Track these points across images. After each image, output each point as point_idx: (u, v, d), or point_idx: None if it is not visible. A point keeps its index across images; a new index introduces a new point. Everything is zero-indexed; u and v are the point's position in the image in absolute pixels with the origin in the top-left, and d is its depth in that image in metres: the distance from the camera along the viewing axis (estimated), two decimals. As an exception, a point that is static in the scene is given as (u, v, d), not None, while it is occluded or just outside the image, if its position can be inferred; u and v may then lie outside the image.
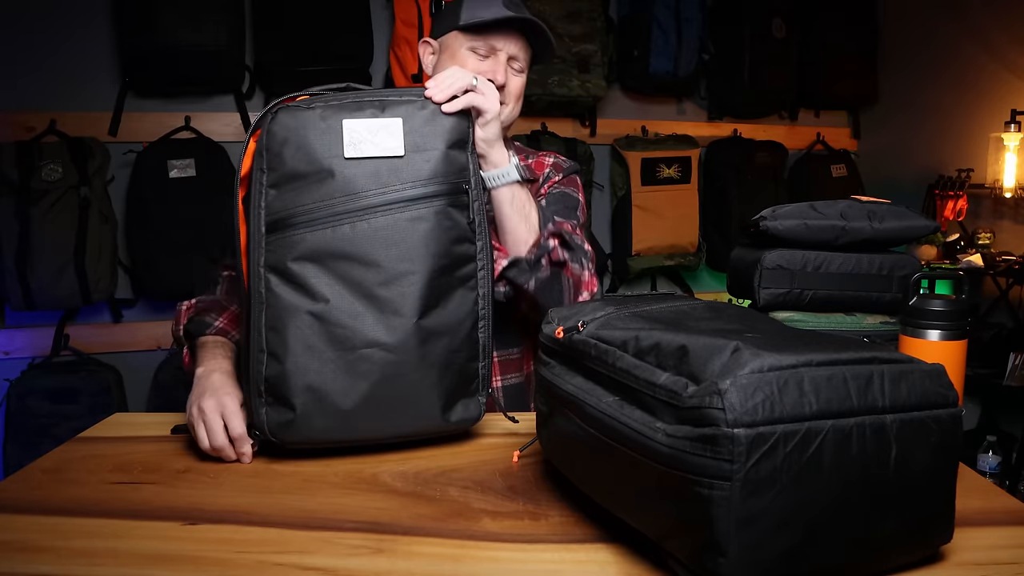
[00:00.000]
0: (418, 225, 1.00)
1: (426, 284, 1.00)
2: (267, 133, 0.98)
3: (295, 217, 0.98)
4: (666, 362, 0.70)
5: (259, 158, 0.99)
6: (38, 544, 0.79)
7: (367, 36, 2.84)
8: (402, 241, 0.99)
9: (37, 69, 2.70)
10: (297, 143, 0.98)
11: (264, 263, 0.99)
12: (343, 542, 0.80)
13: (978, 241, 2.85)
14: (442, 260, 1.01)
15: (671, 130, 3.35)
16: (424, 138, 1.01)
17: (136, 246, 2.70)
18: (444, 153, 1.02)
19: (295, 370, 0.98)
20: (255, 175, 0.99)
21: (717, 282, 3.49)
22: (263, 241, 0.99)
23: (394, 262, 0.99)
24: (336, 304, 0.98)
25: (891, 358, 0.70)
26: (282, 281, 0.98)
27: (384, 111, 1.00)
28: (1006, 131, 2.76)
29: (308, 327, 0.98)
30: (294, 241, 0.98)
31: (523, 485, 0.94)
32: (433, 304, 1.01)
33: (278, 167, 0.98)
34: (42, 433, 2.50)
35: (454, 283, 1.03)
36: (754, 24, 3.20)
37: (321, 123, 0.98)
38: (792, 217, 1.17)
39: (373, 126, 0.99)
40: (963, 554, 0.76)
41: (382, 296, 0.99)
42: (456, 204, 1.03)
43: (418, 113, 1.02)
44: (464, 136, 1.05)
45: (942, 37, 3.18)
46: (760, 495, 0.62)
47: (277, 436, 0.99)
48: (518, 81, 1.36)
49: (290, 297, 0.98)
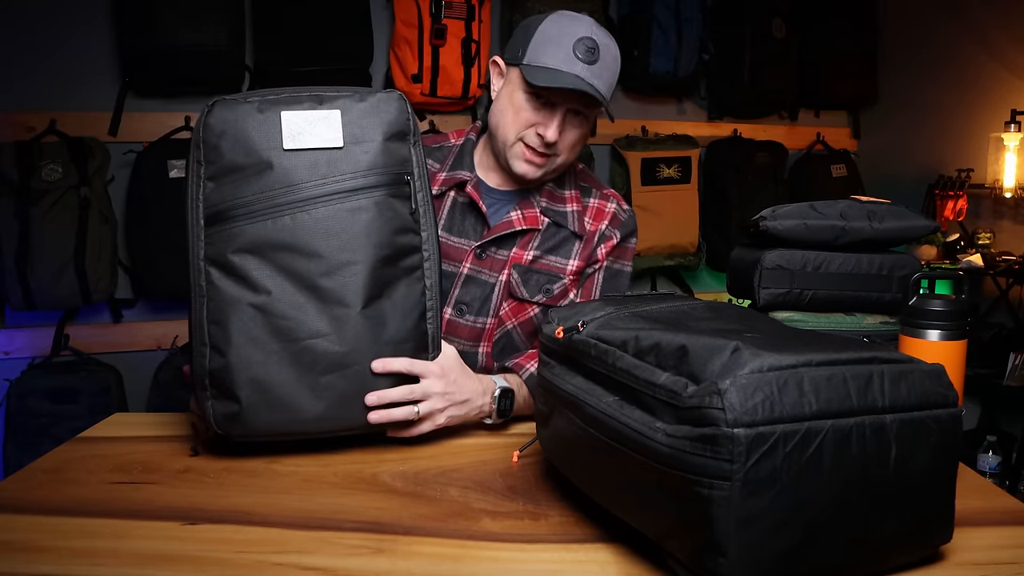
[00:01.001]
0: (359, 215, 1.00)
1: (369, 274, 1.00)
2: (203, 126, 0.98)
3: (234, 209, 0.98)
4: (666, 362, 0.70)
5: (196, 150, 0.99)
6: (38, 544, 0.79)
7: (367, 36, 2.83)
8: (343, 231, 0.99)
9: (37, 69, 2.70)
10: (235, 135, 0.98)
11: (204, 256, 0.99)
12: (343, 542, 0.80)
13: (978, 241, 2.84)
14: (384, 250, 1.01)
15: (671, 130, 3.35)
16: (362, 129, 1.01)
17: (136, 246, 2.70)
18: (383, 145, 1.02)
19: (238, 363, 0.97)
20: (191, 168, 1.00)
21: (717, 282, 3.49)
22: (202, 234, 0.99)
23: (336, 252, 0.99)
24: (278, 296, 0.98)
25: (891, 358, 0.70)
26: (223, 274, 0.99)
27: (322, 104, 1.00)
28: (1006, 131, 2.76)
29: (251, 319, 0.98)
30: (234, 233, 0.98)
31: (523, 485, 0.94)
32: (377, 294, 1.02)
33: (216, 159, 0.98)
34: (42, 433, 2.49)
35: (399, 273, 1.04)
36: (754, 24, 3.20)
37: (259, 115, 0.98)
38: (792, 217, 1.17)
39: (311, 117, 0.99)
40: (963, 554, 0.76)
41: (324, 286, 0.99)
42: (398, 195, 1.03)
43: (356, 105, 1.01)
44: (404, 128, 1.04)
45: (942, 37, 3.18)
46: (760, 495, 0.62)
47: (224, 429, 0.99)
48: (576, 132, 1.25)
49: (231, 289, 0.98)
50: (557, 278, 1.30)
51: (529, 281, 1.28)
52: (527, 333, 1.31)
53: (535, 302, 1.29)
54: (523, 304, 1.29)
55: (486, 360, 1.30)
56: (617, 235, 1.34)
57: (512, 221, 1.28)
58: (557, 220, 1.30)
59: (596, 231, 1.33)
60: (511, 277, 1.28)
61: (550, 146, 1.23)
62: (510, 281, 1.28)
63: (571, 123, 1.24)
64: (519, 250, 1.29)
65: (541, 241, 1.30)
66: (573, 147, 1.27)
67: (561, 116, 1.22)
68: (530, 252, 1.29)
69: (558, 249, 1.30)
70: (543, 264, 1.29)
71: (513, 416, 1.17)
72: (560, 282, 1.30)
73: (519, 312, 1.29)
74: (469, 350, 1.29)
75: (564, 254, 1.31)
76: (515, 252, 1.29)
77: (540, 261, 1.29)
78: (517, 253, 1.29)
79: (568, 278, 1.30)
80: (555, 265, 1.30)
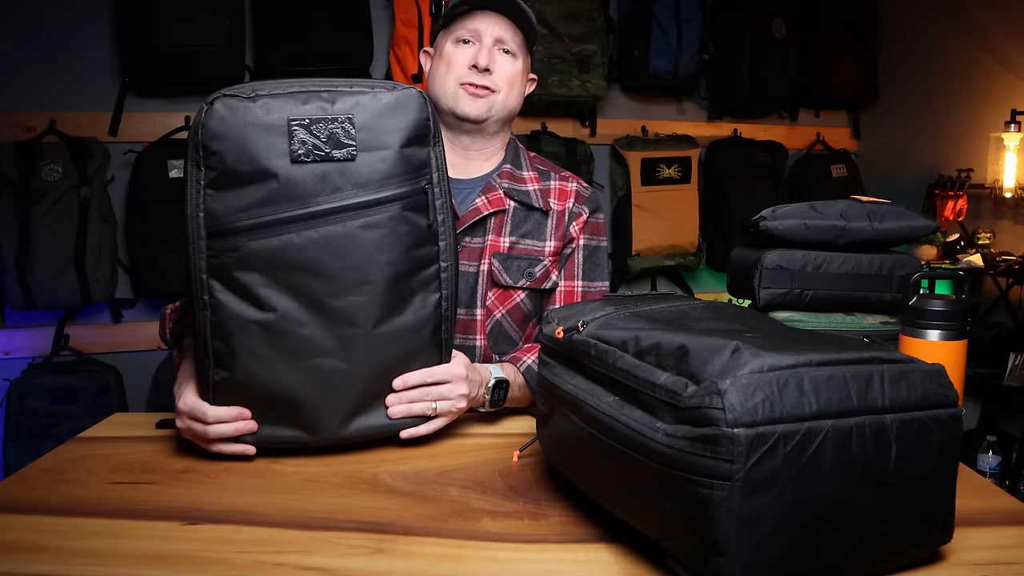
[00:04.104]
0: (371, 232, 0.93)
1: (382, 294, 0.95)
2: (202, 128, 0.90)
3: (238, 223, 0.91)
4: (666, 362, 0.70)
5: (195, 153, 0.91)
6: (38, 544, 0.79)
7: (367, 36, 2.84)
8: (354, 251, 0.93)
9: (37, 69, 2.70)
10: (236, 140, 0.90)
11: (206, 269, 0.93)
12: (343, 542, 0.80)
13: (978, 241, 2.84)
14: (399, 267, 0.96)
15: (671, 130, 3.35)
16: (377, 135, 0.93)
17: (136, 246, 2.70)
18: (399, 152, 0.94)
19: (243, 379, 0.95)
20: (190, 171, 0.92)
21: (717, 282, 3.49)
22: (204, 246, 0.92)
23: (346, 272, 0.93)
24: (285, 314, 0.93)
25: (891, 358, 0.70)
26: (226, 289, 0.93)
27: (334, 104, 0.92)
28: (1006, 131, 2.76)
29: (256, 337, 0.93)
30: (237, 249, 0.92)
31: (523, 485, 0.94)
32: (389, 312, 0.96)
33: (216, 165, 0.90)
34: (42, 433, 2.50)
35: (414, 287, 0.98)
36: (754, 24, 3.20)
37: (263, 117, 0.90)
38: (792, 217, 1.17)
39: (321, 122, 0.91)
40: (963, 554, 0.76)
41: (334, 307, 0.94)
42: (414, 207, 0.96)
43: (371, 106, 0.93)
44: (423, 131, 0.96)
45: (942, 37, 3.18)
46: (760, 495, 0.62)
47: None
48: (509, 66, 1.30)
49: (235, 305, 0.93)
50: (537, 260, 1.33)
51: (511, 268, 1.31)
52: (517, 321, 1.34)
53: (519, 287, 1.32)
54: (508, 291, 1.32)
55: (484, 352, 1.32)
56: (586, 211, 1.38)
57: (479, 207, 1.31)
58: (521, 199, 1.33)
59: (564, 210, 1.37)
60: (492, 266, 1.30)
61: (487, 76, 1.28)
62: (492, 270, 1.30)
63: (501, 57, 1.30)
64: (494, 236, 1.31)
65: (513, 227, 1.33)
66: (511, 83, 1.31)
67: (489, 47, 1.29)
68: (506, 239, 1.32)
69: (532, 233, 1.34)
70: (521, 249, 1.32)
71: (508, 406, 1.20)
72: (541, 264, 1.33)
73: (505, 299, 1.32)
74: (466, 343, 1.31)
75: (539, 236, 1.34)
76: (491, 240, 1.31)
77: (518, 247, 1.32)
78: (493, 240, 1.31)
79: (548, 259, 1.34)
80: (533, 248, 1.33)
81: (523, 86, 1.35)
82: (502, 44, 1.30)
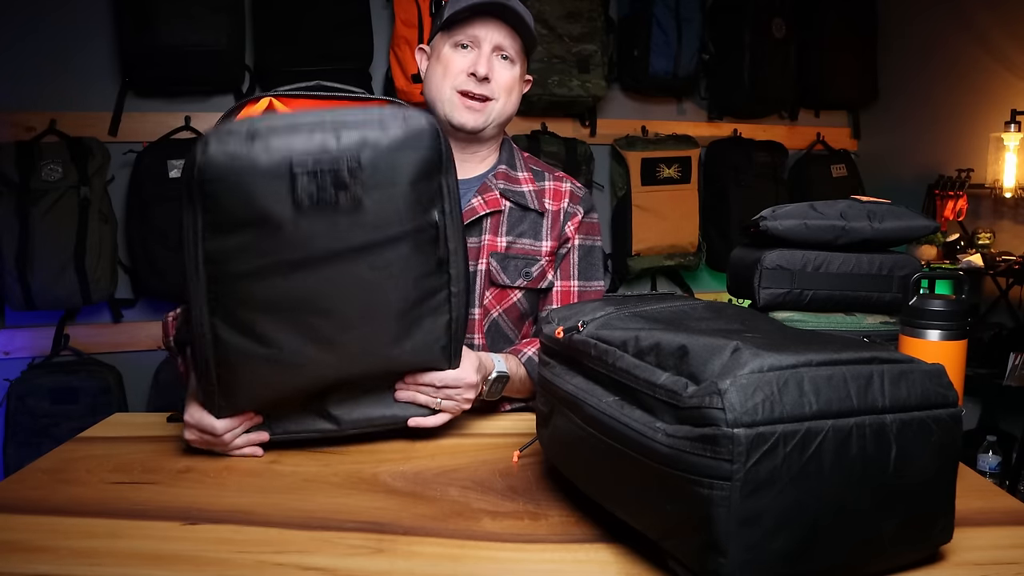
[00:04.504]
0: (379, 273, 0.90)
1: (391, 324, 0.94)
2: (198, 168, 0.84)
3: (240, 267, 0.88)
4: (666, 362, 0.70)
5: (190, 193, 0.86)
6: (38, 544, 0.79)
7: (367, 36, 2.84)
8: (362, 291, 0.90)
9: (37, 69, 2.70)
10: (236, 182, 0.84)
11: (207, 311, 0.90)
12: (343, 542, 0.80)
13: (978, 241, 2.84)
14: (407, 301, 0.94)
15: (671, 130, 3.35)
16: (386, 173, 0.87)
17: (136, 246, 2.70)
18: (409, 189, 0.89)
19: (249, 402, 0.98)
20: (186, 209, 0.87)
21: (717, 282, 3.49)
22: (204, 288, 0.89)
23: (354, 311, 0.91)
24: (291, 349, 0.91)
25: (891, 358, 0.70)
26: (229, 327, 0.91)
27: (339, 139, 0.85)
28: (1006, 131, 2.76)
29: (262, 369, 0.93)
30: (240, 292, 0.89)
31: (523, 485, 0.94)
32: (396, 338, 0.96)
33: (213, 208, 0.85)
34: (42, 433, 2.50)
35: (423, 313, 0.97)
36: (754, 24, 3.20)
37: (264, 158, 0.83)
38: (792, 217, 1.17)
39: (325, 164, 0.84)
40: (963, 554, 0.76)
41: (341, 341, 0.93)
42: (423, 241, 0.92)
43: (378, 144, 0.86)
44: (434, 163, 0.90)
45: (942, 37, 3.18)
46: (760, 495, 0.62)
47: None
48: (507, 73, 1.30)
49: (239, 343, 0.91)
50: (534, 260, 1.34)
51: (508, 267, 1.32)
52: (513, 319, 1.35)
53: (516, 287, 1.33)
54: (505, 291, 1.32)
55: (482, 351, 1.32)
56: (580, 211, 1.38)
57: (475, 208, 1.31)
58: (517, 200, 1.34)
59: (559, 210, 1.37)
60: (490, 265, 1.31)
61: (485, 85, 1.27)
62: (489, 269, 1.31)
63: (500, 64, 1.29)
64: (491, 236, 1.32)
65: (510, 227, 1.33)
66: (508, 91, 1.31)
67: (488, 54, 1.28)
68: (503, 239, 1.32)
69: (528, 232, 1.34)
70: (518, 249, 1.33)
71: (507, 396, 1.22)
72: (538, 264, 1.34)
73: (502, 299, 1.33)
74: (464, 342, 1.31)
75: (535, 236, 1.35)
76: (488, 240, 1.31)
77: (515, 247, 1.33)
78: (491, 240, 1.32)
79: (544, 259, 1.34)
80: (530, 248, 1.34)
81: (520, 91, 1.36)
82: (501, 51, 1.30)
